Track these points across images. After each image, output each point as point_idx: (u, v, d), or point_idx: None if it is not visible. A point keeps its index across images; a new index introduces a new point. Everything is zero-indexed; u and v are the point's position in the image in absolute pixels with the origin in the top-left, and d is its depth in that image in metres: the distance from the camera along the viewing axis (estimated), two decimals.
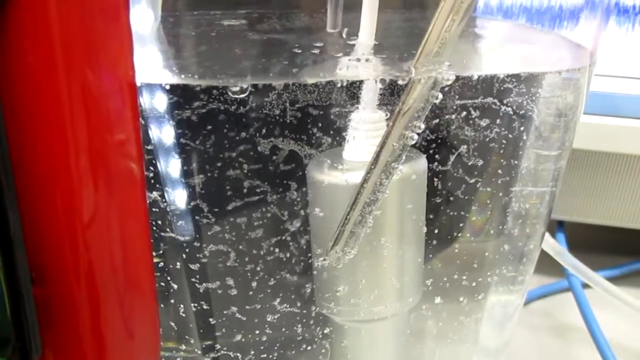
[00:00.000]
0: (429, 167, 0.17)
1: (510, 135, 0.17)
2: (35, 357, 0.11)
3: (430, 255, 0.18)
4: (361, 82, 0.16)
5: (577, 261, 0.31)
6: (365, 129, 0.17)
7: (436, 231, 0.18)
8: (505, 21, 0.21)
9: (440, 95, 0.15)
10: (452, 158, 0.17)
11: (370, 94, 0.16)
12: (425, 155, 0.17)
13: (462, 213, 0.18)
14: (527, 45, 0.20)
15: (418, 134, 0.15)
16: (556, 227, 0.36)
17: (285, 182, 0.17)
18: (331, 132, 0.17)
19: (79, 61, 0.10)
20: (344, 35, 0.17)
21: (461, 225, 0.18)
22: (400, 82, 0.15)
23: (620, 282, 0.35)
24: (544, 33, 0.19)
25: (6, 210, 0.09)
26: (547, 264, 0.32)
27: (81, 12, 0.10)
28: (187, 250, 0.17)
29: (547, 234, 0.31)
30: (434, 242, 0.18)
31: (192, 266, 0.17)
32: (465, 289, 0.19)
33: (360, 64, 0.16)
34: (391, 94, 0.16)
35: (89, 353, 0.12)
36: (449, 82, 0.15)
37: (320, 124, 0.17)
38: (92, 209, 0.11)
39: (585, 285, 0.31)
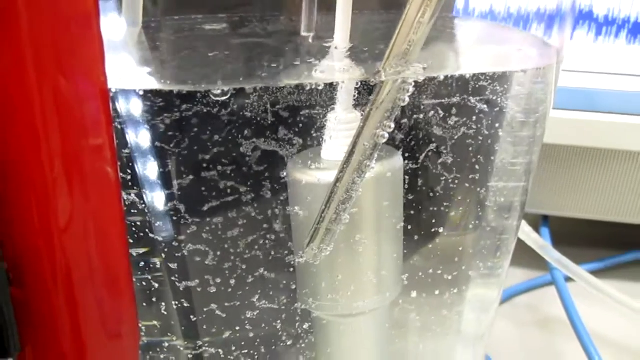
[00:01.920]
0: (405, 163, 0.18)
1: (481, 132, 0.18)
2: (14, 354, 0.11)
3: (406, 251, 0.18)
4: (336, 84, 0.17)
5: (560, 255, 0.31)
6: (341, 128, 0.17)
7: (410, 227, 0.18)
8: (479, 20, 0.21)
9: (411, 89, 0.15)
10: (424, 155, 0.18)
11: (344, 95, 0.17)
12: (401, 152, 0.18)
13: (437, 208, 0.19)
14: (499, 44, 0.20)
15: (389, 132, 0.15)
16: (541, 221, 0.37)
17: (266, 181, 0.17)
18: (309, 132, 0.17)
19: (50, 68, 0.10)
20: (311, 41, 0.17)
21: (436, 220, 0.19)
22: (371, 83, 0.16)
23: (605, 275, 0.36)
24: (515, 31, 0.19)
25: None
26: (532, 258, 0.32)
27: (52, 20, 0.10)
28: (167, 250, 0.18)
29: (531, 229, 0.32)
30: (411, 237, 0.19)
31: (172, 265, 0.17)
32: (441, 283, 0.19)
33: (335, 67, 0.16)
34: (369, 93, 0.17)
35: (68, 350, 0.12)
36: (419, 81, 0.15)
37: (298, 125, 0.17)
38: (67, 211, 0.11)
39: (569, 279, 0.32)
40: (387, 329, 0.19)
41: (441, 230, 0.19)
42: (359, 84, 0.17)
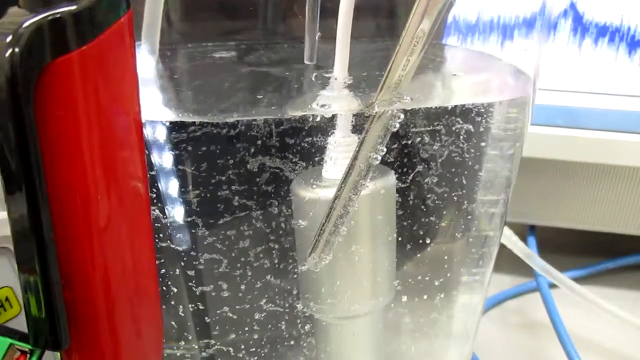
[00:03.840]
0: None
1: (464, 152, 0.20)
2: (64, 348, 0.13)
3: (397, 259, 0.20)
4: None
5: (545, 263, 0.33)
6: (340, 151, 0.19)
7: (401, 238, 0.20)
8: (468, 49, 0.23)
9: (402, 117, 0.17)
10: (413, 174, 0.20)
11: (342, 122, 0.19)
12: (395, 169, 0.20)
13: (426, 221, 0.21)
14: (482, 75, 0.22)
15: (381, 155, 0.17)
16: (528, 231, 0.39)
17: (272, 197, 0.19)
18: (312, 153, 0.19)
19: (97, 111, 0.12)
20: (313, 70, 0.19)
21: (424, 232, 0.21)
22: (365, 114, 0.18)
23: (588, 282, 0.38)
24: (500, 62, 0.22)
25: (43, 235, 0.12)
26: (520, 266, 0.34)
27: (98, 71, 0.12)
28: (185, 258, 0.20)
29: (517, 238, 0.34)
30: (402, 247, 0.21)
31: (189, 272, 0.19)
32: (429, 288, 0.21)
33: (334, 97, 0.19)
34: (365, 120, 0.19)
35: (105, 346, 0.14)
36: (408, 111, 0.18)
37: (302, 147, 0.19)
38: (104, 223, 0.13)
39: (554, 285, 0.34)
40: (381, 330, 0.21)
41: (429, 240, 0.21)
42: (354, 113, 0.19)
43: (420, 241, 0.21)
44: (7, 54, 0.11)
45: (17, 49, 0.11)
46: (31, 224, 0.12)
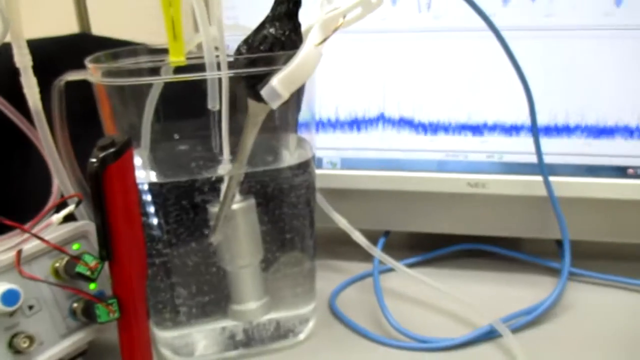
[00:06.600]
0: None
1: (280, 192, 0.44)
2: (110, 260, 0.37)
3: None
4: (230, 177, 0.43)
5: (381, 252, 0.55)
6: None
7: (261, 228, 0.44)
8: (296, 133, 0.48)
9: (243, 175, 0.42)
10: (259, 200, 0.44)
11: (226, 178, 0.43)
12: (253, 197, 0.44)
13: (269, 222, 0.45)
14: (294, 147, 0.47)
15: (238, 191, 0.42)
16: (383, 233, 0.61)
17: (202, 213, 0.44)
18: (216, 192, 0.44)
19: (124, 183, 0.37)
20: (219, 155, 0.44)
21: (270, 226, 0.45)
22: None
23: (421, 265, 0.61)
24: (302, 137, 0.46)
25: (106, 229, 0.36)
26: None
27: (123, 169, 0.37)
28: (158, 245, 0.44)
29: (363, 237, 0.56)
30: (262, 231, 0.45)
31: (164, 251, 0.44)
32: (276, 252, 0.45)
33: (223, 168, 0.43)
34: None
35: (124, 262, 0.38)
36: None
37: (213, 190, 0.43)
38: (126, 225, 0.38)
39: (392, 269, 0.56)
40: (259, 274, 0.45)
41: (270, 227, 0.45)
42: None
43: (268, 228, 0.45)
44: (95, 166, 0.35)
45: (98, 164, 0.35)
46: (101, 225, 0.36)
